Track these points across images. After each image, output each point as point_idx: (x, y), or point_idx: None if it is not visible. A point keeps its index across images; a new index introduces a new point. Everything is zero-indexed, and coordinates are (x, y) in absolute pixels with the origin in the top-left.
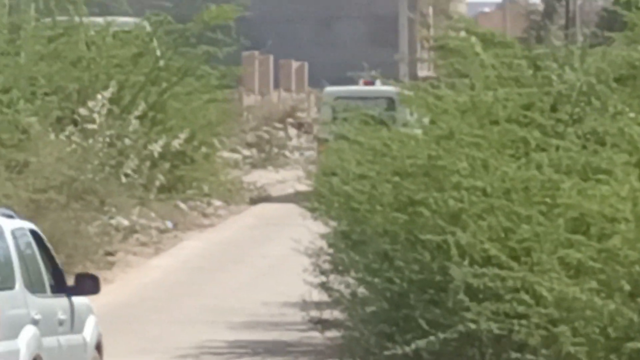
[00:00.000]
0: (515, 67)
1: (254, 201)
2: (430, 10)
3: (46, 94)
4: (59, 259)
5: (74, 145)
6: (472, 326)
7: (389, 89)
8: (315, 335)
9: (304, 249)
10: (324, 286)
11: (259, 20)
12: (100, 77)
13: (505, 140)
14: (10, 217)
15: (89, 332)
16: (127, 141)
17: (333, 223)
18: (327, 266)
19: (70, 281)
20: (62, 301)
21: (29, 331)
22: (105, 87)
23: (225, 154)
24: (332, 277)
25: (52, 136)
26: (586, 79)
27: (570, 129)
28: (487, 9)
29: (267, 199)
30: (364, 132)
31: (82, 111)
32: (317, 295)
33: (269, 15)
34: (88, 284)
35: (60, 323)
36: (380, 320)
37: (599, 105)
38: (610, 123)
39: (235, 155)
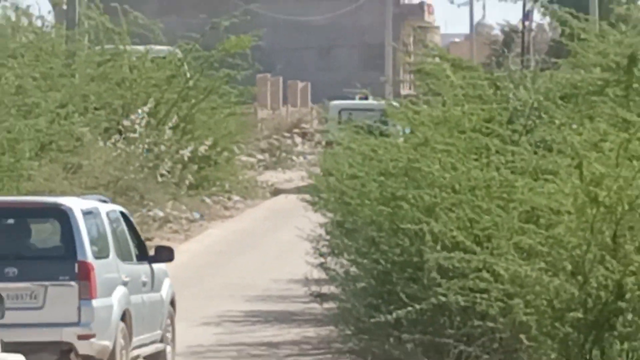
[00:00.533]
0: (479, 87)
1: (275, 193)
2: (411, 40)
3: (96, 109)
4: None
5: (118, 151)
6: (443, 299)
7: (382, 102)
8: (316, 307)
9: (306, 236)
10: (322, 266)
11: (270, 48)
12: (140, 95)
13: (471, 147)
14: (105, 202)
15: (165, 291)
16: (162, 147)
17: (330, 214)
18: (325, 250)
19: (151, 252)
20: (144, 267)
21: (120, 291)
22: (145, 103)
23: (243, 158)
24: (329, 259)
25: (101, 143)
26: (536, 97)
27: (523, 138)
28: (457, 40)
29: (280, 192)
30: (355, 140)
31: (126, 123)
32: (317, 274)
33: (279, 44)
34: (165, 254)
35: (143, 284)
36: (368, 294)
37: (547, 119)
38: (556, 133)
39: (251, 159)
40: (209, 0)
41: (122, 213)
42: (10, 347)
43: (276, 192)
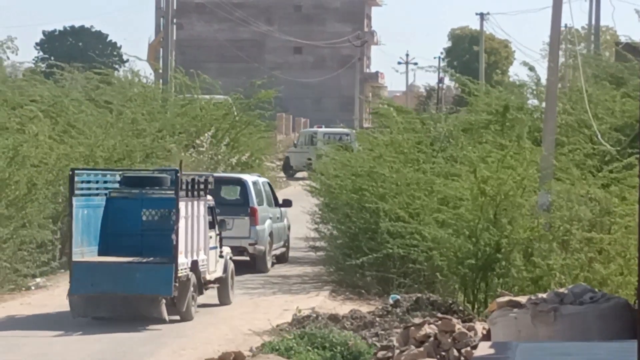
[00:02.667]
0: (412, 123)
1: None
2: (370, 94)
3: (180, 133)
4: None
5: (192, 158)
6: (390, 251)
7: (347, 130)
8: (312, 254)
9: (307, 211)
10: (316, 230)
11: (285, 98)
12: (206, 125)
13: (407, 159)
14: (259, 176)
15: (286, 222)
16: (219, 157)
17: (321, 198)
18: (318, 220)
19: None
20: (277, 209)
21: (268, 221)
22: (209, 130)
23: (268, 164)
24: (320, 225)
25: (182, 154)
26: (448, 129)
27: (440, 154)
28: (397, 94)
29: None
30: (337, 153)
31: (197, 142)
32: (313, 234)
33: (290, 96)
34: (287, 202)
35: (277, 218)
36: (344, 247)
37: (454, 143)
38: (459, 152)
39: (272, 164)
40: (248, 69)
41: (268, 183)
42: None
43: (288, 184)
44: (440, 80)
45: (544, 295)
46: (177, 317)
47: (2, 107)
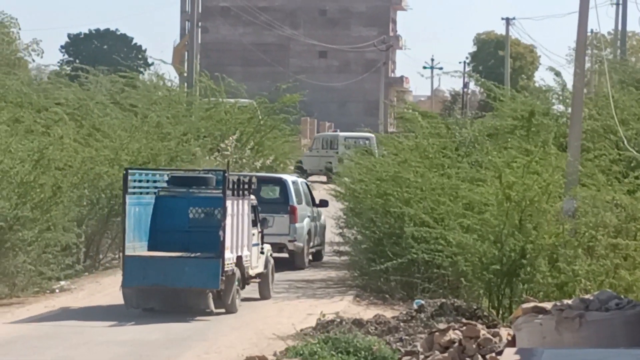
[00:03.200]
0: (437, 128)
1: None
2: (395, 99)
3: (204, 137)
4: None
5: (217, 162)
6: (415, 256)
7: (369, 134)
8: (336, 259)
9: (332, 215)
10: (341, 234)
11: (309, 102)
12: (231, 129)
13: (432, 164)
14: (299, 177)
15: (322, 221)
16: (244, 160)
17: (346, 203)
18: (342, 224)
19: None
20: (314, 209)
21: (307, 219)
22: (234, 133)
23: (292, 167)
24: (345, 230)
25: (207, 157)
26: (473, 135)
27: (465, 159)
28: (422, 99)
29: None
30: (361, 158)
31: (222, 145)
32: (337, 239)
33: (315, 100)
34: (324, 202)
35: (315, 217)
36: (368, 252)
37: (479, 148)
38: (484, 157)
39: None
40: (273, 73)
41: (306, 183)
42: None
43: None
44: (466, 85)
45: (569, 302)
46: (223, 310)
47: (28, 110)
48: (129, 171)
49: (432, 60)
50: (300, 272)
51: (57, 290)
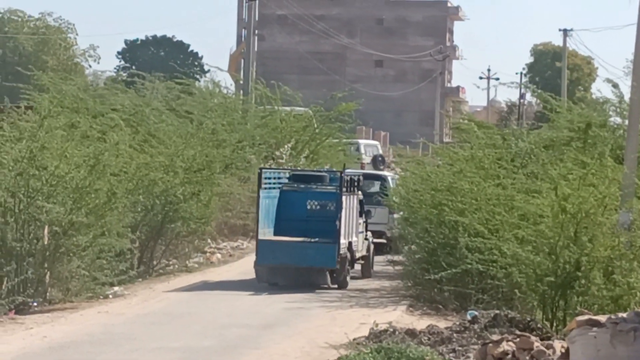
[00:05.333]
0: (493, 138)
1: None
2: (451, 109)
3: (259, 144)
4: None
5: None
6: (469, 266)
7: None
8: (390, 268)
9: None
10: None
11: (365, 111)
12: (286, 137)
13: (488, 175)
14: (395, 173)
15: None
16: (299, 169)
17: (401, 212)
18: (397, 234)
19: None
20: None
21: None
22: (289, 141)
23: None
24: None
25: (262, 165)
26: (529, 146)
27: (520, 170)
28: (478, 109)
29: None
30: (417, 168)
31: (277, 153)
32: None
33: (371, 109)
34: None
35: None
36: (422, 262)
37: (535, 159)
38: (540, 168)
39: None
40: (329, 81)
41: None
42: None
43: None
44: (522, 96)
45: (624, 315)
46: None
47: (84, 115)
48: (262, 170)
49: (489, 70)
50: (352, 281)
51: (110, 296)
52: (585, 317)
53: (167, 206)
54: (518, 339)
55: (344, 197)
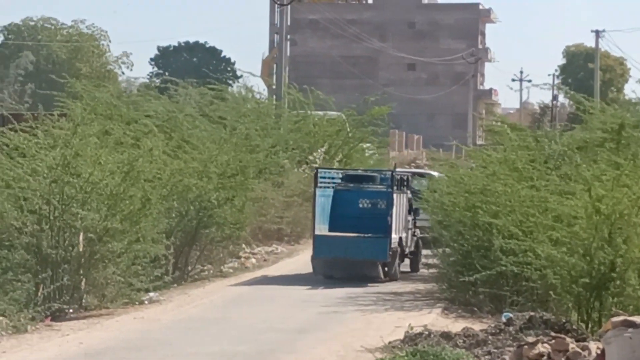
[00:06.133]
0: (526, 140)
1: None
2: (483, 111)
3: (293, 149)
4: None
5: (306, 174)
6: (503, 268)
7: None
8: (424, 271)
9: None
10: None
11: (398, 114)
12: (319, 141)
13: (521, 177)
14: (441, 172)
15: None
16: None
17: (434, 215)
18: (430, 237)
19: None
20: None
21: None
22: (322, 146)
23: None
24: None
25: (295, 170)
26: (562, 147)
27: (554, 172)
28: (511, 111)
29: None
30: (450, 171)
31: (310, 158)
32: (425, 251)
33: (403, 112)
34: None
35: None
36: (457, 264)
37: (568, 161)
38: (574, 169)
39: None
40: (361, 85)
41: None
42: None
43: None
44: (555, 98)
45: None
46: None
47: (117, 122)
48: (318, 170)
49: (521, 72)
50: (388, 284)
51: (146, 302)
52: (621, 318)
53: (202, 212)
54: (553, 341)
55: (395, 196)
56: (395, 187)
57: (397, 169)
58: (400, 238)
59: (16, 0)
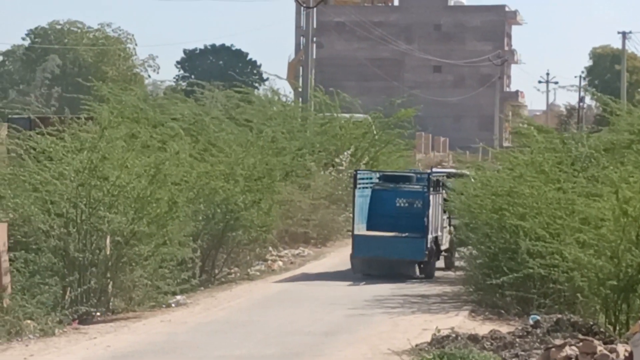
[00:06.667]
0: (553, 143)
1: None
2: (510, 113)
3: (319, 152)
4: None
5: (332, 177)
6: (530, 271)
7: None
8: (451, 274)
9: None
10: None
11: (424, 117)
12: (346, 144)
13: (548, 179)
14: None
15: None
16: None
17: (460, 218)
18: (456, 239)
19: None
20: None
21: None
22: (348, 148)
23: None
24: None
25: (322, 172)
26: (589, 150)
27: (581, 174)
28: (537, 113)
29: None
30: (477, 172)
31: (337, 160)
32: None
33: (430, 114)
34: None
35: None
36: (483, 267)
37: (595, 163)
38: (601, 171)
39: None
40: (387, 88)
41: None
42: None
43: None
44: (581, 100)
45: None
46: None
47: (144, 125)
48: (357, 172)
49: (548, 74)
50: (415, 286)
51: (173, 305)
52: None
53: (228, 214)
54: (581, 343)
55: (431, 197)
56: (431, 187)
57: (434, 169)
58: (436, 237)
59: (43, 4)
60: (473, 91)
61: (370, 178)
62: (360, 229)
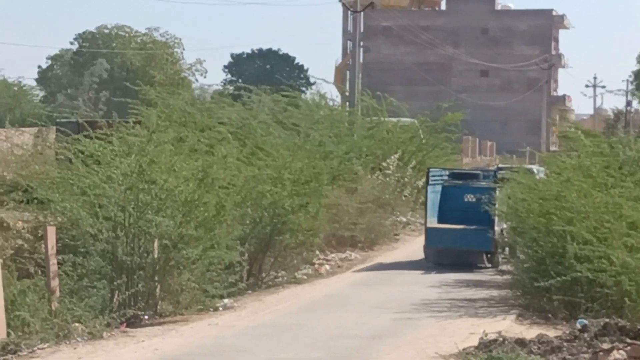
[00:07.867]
0: (600, 147)
1: None
2: (557, 117)
3: (367, 155)
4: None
5: (379, 181)
6: (578, 274)
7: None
8: (498, 278)
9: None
10: (502, 253)
11: (471, 121)
12: (393, 148)
13: (596, 183)
14: (539, 167)
15: None
16: (405, 179)
17: (508, 222)
18: (504, 243)
19: None
20: None
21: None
22: (395, 152)
23: None
24: (507, 249)
25: (369, 176)
26: (636, 154)
27: (628, 178)
28: (584, 117)
29: None
30: (524, 177)
31: (384, 164)
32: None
33: (477, 118)
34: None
35: None
36: (531, 270)
37: None
38: None
39: None
40: (434, 92)
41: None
42: None
43: None
44: (629, 104)
45: None
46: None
47: (191, 129)
48: (430, 170)
49: (595, 78)
50: (462, 291)
51: (220, 308)
52: None
53: (276, 218)
54: (629, 347)
55: (497, 193)
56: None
57: (500, 165)
58: (502, 229)
59: (91, 9)
60: (520, 95)
61: (441, 175)
62: (432, 222)
